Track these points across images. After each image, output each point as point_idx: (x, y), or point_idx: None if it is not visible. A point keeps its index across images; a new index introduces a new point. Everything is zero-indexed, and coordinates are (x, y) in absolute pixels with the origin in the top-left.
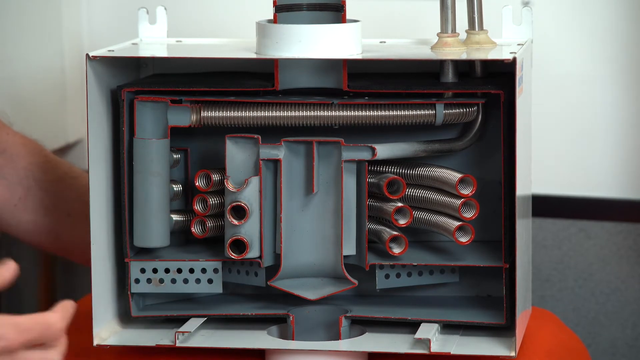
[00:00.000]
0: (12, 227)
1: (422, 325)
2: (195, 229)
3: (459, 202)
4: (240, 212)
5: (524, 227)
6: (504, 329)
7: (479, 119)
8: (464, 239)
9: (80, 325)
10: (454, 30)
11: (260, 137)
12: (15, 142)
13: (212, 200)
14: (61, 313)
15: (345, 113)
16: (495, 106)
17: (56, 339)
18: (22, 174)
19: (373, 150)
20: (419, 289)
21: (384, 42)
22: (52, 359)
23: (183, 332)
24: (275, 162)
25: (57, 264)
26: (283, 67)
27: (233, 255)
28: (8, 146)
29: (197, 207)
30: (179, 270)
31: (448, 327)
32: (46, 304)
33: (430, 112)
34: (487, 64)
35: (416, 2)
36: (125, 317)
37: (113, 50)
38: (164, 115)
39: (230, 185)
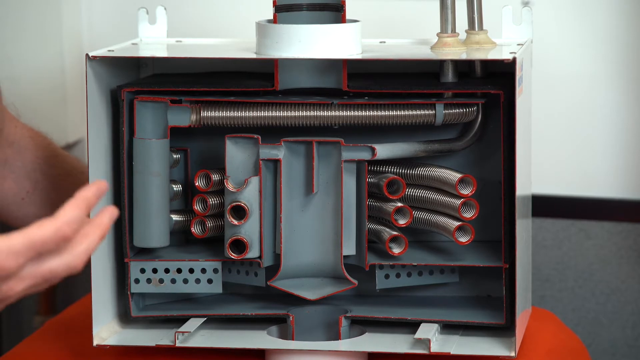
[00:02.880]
0: (19, 221)
1: (422, 325)
2: (195, 229)
3: (458, 202)
4: (240, 212)
5: (524, 227)
6: (504, 329)
7: (479, 119)
8: (464, 239)
9: (81, 325)
10: (454, 30)
11: (260, 137)
12: (24, 135)
13: (212, 200)
14: (64, 215)
15: (345, 113)
16: (495, 106)
17: (64, 246)
18: (30, 167)
19: (373, 150)
20: (419, 289)
21: (384, 42)
22: (60, 269)
23: (183, 332)
24: (275, 162)
25: None
26: (283, 67)
27: (233, 255)
28: (16, 139)
29: (197, 207)
30: (179, 270)
31: (448, 327)
32: (46, 304)
33: (430, 112)
34: (487, 64)
35: (416, 2)
36: (125, 317)
37: (113, 50)
38: (163, 115)
39: (230, 185)
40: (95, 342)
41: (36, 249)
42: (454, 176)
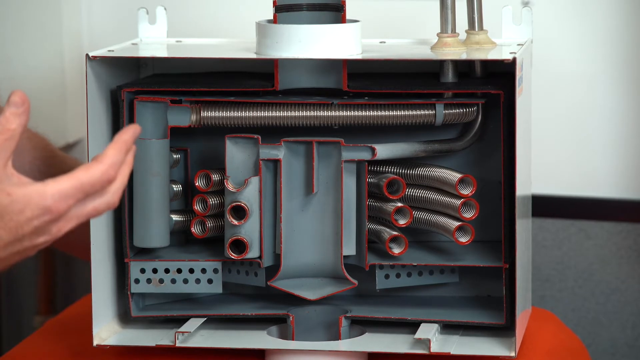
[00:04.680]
0: None
1: (422, 325)
2: (195, 229)
3: (459, 202)
4: (240, 212)
5: (524, 227)
6: (504, 329)
7: (479, 119)
8: (464, 239)
9: (81, 325)
10: (454, 30)
11: (260, 137)
12: (21, 136)
13: (212, 200)
14: (109, 157)
15: (345, 113)
16: (495, 106)
17: (107, 187)
18: (28, 167)
19: (373, 150)
20: (419, 289)
21: (384, 42)
22: (101, 207)
23: (183, 332)
24: (275, 162)
25: (57, 263)
26: (283, 67)
27: (233, 256)
28: None
29: (197, 207)
30: (179, 271)
31: (448, 327)
32: (46, 304)
33: (430, 112)
34: (487, 64)
35: (416, 2)
36: (125, 317)
37: (113, 50)
38: (163, 115)
39: (230, 186)
40: (95, 342)
41: (84, 191)
42: (454, 176)
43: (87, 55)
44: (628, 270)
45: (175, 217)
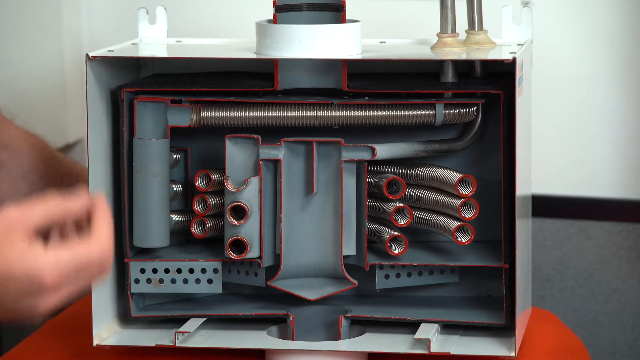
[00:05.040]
0: None
1: (422, 325)
2: (195, 229)
3: (458, 202)
4: (240, 212)
5: (524, 227)
6: (504, 329)
7: (479, 119)
8: (463, 239)
9: (80, 325)
10: (453, 30)
11: (260, 137)
12: (18, 137)
13: (212, 201)
14: (105, 234)
15: (345, 113)
16: (495, 106)
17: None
18: (26, 169)
19: (373, 150)
20: (419, 289)
21: (384, 42)
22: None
23: (183, 332)
24: (275, 162)
25: None
26: (283, 67)
27: (233, 256)
28: (11, 141)
29: (197, 207)
30: (179, 271)
31: (448, 327)
32: None
33: (430, 112)
34: (487, 64)
35: (416, 2)
36: (125, 318)
37: (113, 51)
38: (163, 116)
39: (230, 186)
40: (95, 342)
41: (81, 267)
42: (454, 176)
43: (87, 55)
44: (628, 270)
45: (175, 217)
